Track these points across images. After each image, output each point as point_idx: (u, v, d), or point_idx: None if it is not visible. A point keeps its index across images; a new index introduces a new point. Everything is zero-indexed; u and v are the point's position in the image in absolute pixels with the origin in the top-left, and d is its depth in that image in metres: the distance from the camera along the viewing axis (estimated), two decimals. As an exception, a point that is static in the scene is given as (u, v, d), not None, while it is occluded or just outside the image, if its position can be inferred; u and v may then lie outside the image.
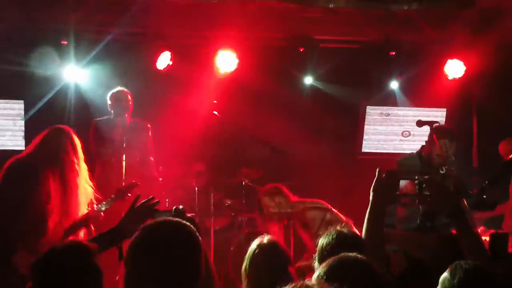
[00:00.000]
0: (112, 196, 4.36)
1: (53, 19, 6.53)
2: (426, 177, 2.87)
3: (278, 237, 4.63)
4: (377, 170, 2.73)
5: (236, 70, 6.95)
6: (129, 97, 5.86)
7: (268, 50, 7.24)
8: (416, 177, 2.97)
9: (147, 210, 2.88)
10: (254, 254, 3.10)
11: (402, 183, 3.29)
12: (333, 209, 4.84)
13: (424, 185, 2.71)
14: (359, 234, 2.97)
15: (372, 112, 7.58)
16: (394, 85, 7.55)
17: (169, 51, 6.87)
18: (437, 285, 2.19)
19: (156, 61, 6.89)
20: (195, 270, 1.90)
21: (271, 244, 3.14)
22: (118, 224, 2.85)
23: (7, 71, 6.48)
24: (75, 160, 4.00)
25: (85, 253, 2.22)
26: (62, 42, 6.64)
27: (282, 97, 7.43)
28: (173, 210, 2.72)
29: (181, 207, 2.73)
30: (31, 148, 4.00)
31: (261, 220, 5.28)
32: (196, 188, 6.65)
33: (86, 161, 4.10)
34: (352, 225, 4.38)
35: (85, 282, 2.15)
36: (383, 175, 2.71)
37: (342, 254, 2.14)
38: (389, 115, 7.58)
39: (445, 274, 2.18)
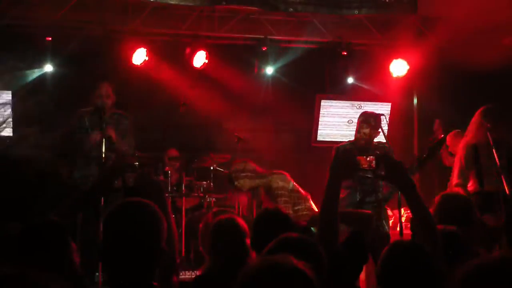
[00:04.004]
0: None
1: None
2: (379, 153, 3.07)
3: (248, 208, 5.20)
4: (335, 148, 2.85)
5: (206, 65, 7.66)
6: (110, 90, 5.93)
7: (234, 48, 7.87)
8: (372, 154, 3.06)
9: (118, 167, 2.83)
10: (213, 230, 3.35)
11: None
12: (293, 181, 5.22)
13: (379, 161, 2.75)
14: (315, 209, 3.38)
15: (326, 105, 8.30)
16: (346, 81, 8.22)
17: (145, 47, 7.54)
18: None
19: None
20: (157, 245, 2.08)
21: (227, 220, 3.36)
22: (92, 184, 2.90)
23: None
24: None
25: (57, 230, 2.39)
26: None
27: (246, 89, 8.07)
28: (139, 174, 2.82)
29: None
30: None
31: (231, 192, 5.59)
32: (169, 171, 7.04)
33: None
34: (310, 199, 4.99)
35: (56, 255, 2.31)
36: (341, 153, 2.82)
37: (284, 235, 2.24)
38: (361, 107, 8.07)
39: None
